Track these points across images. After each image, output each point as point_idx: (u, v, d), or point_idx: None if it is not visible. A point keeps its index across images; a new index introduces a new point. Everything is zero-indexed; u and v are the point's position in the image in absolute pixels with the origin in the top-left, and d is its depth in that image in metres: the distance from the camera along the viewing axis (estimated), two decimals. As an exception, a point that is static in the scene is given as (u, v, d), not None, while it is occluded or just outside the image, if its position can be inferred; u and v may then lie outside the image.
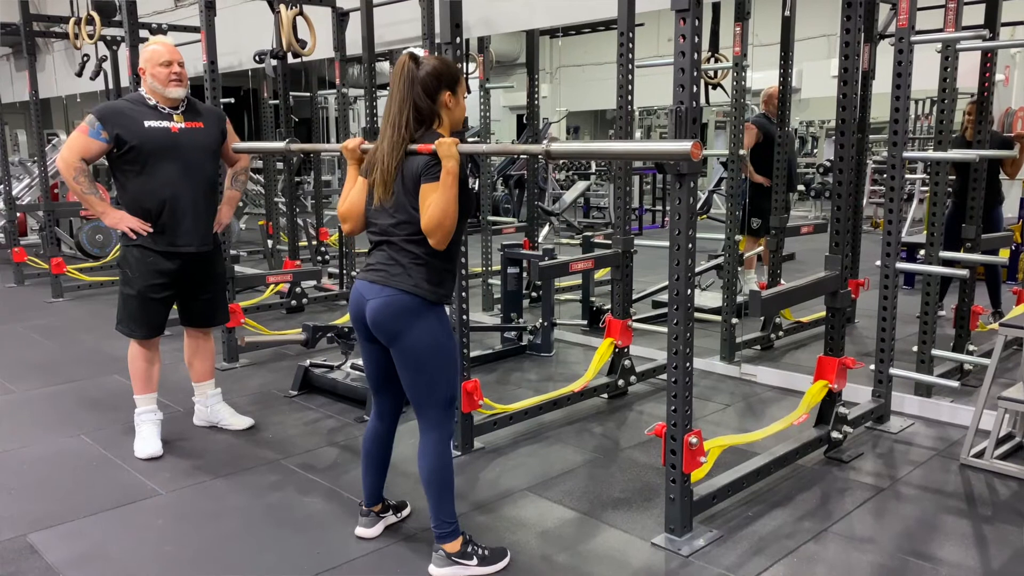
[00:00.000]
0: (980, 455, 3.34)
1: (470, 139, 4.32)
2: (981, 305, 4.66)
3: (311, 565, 2.65)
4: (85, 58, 8.00)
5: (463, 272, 3.38)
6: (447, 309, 2.61)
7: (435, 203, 2.36)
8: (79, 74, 8.07)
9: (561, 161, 12.44)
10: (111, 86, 8.19)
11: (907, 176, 7.13)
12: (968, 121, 4.94)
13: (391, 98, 2.47)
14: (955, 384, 3.93)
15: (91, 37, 6.86)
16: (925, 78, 3.90)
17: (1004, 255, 5.83)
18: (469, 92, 2.63)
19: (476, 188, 7.42)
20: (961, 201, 4.65)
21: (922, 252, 4.14)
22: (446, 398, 2.53)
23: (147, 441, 3.56)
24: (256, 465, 3.46)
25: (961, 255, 4.23)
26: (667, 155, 2.34)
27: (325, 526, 2.91)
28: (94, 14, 6.81)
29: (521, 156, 8.60)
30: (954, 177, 4.94)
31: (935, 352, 4.07)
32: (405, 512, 2.92)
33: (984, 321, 4.80)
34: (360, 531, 2.80)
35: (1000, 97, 5.63)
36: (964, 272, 4.03)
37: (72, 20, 7.09)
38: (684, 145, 2.16)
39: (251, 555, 2.75)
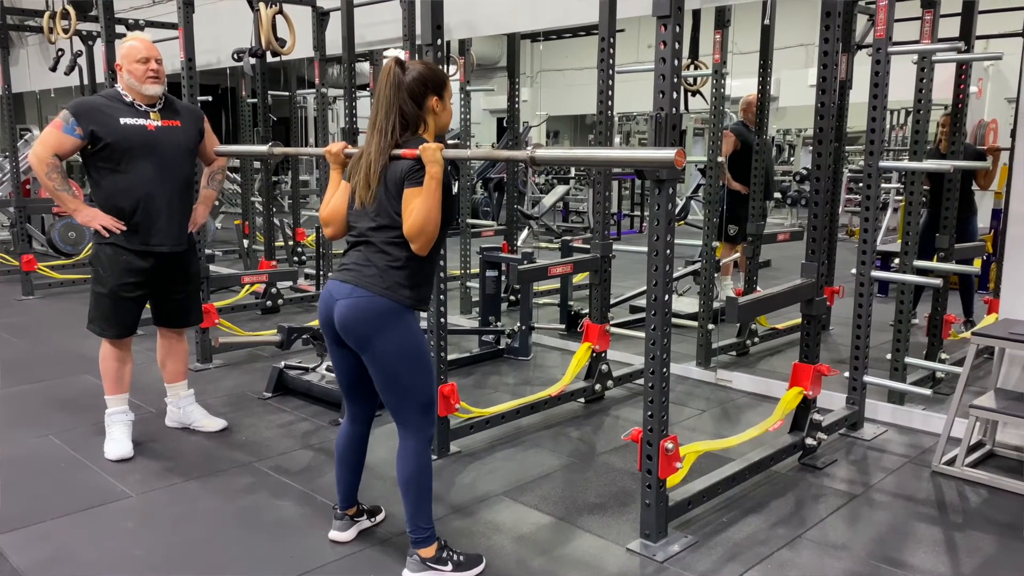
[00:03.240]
0: (951, 463, 3.38)
1: (449, 141, 4.30)
2: (953, 314, 4.72)
3: (284, 569, 2.62)
4: (60, 53, 7.90)
5: (442, 275, 3.37)
6: (418, 313, 2.58)
7: (418, 208, 2.34)
8: (53, 69, 7.96)
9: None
10: (86, 82, 8.09)
11: (882, 185, 7.21)
12: (942, 133, 5.00)
13: (377, 103, 2.46)
14: (927, 392, 3.98)
15: (66, 32, 6.77)
16: (901, 89, 3.94)
17: (976, 264, 5.91)
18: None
19: (456, 190, 7.40)
20: (935, 211, 4.71)
21: (897, 261, 4.18)
22: (423, 403, 2.50)
23: (118, 442, 3.51)
24: (229, 468, 3.42)
25: (935, 264, 4.28)
26: (652, 162, 2.35)
27: (298, 530, 2.88)
28: (69, 8, 6.73)
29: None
30: (928, 187, 5.00)
31: (908, 360, 4.12)
32: (380, 517, 2.90)
33: (956, 330, 4.86)
34: (334, 535, 2.78)
35: (973, 109, 5.71)
36: (938, 281, 4.08)
37: (47, 14, 6.99)
38: (668, 153, 2.16)
39: (223, 559, 2.71)
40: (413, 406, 2.49)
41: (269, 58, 6.15)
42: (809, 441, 3.43)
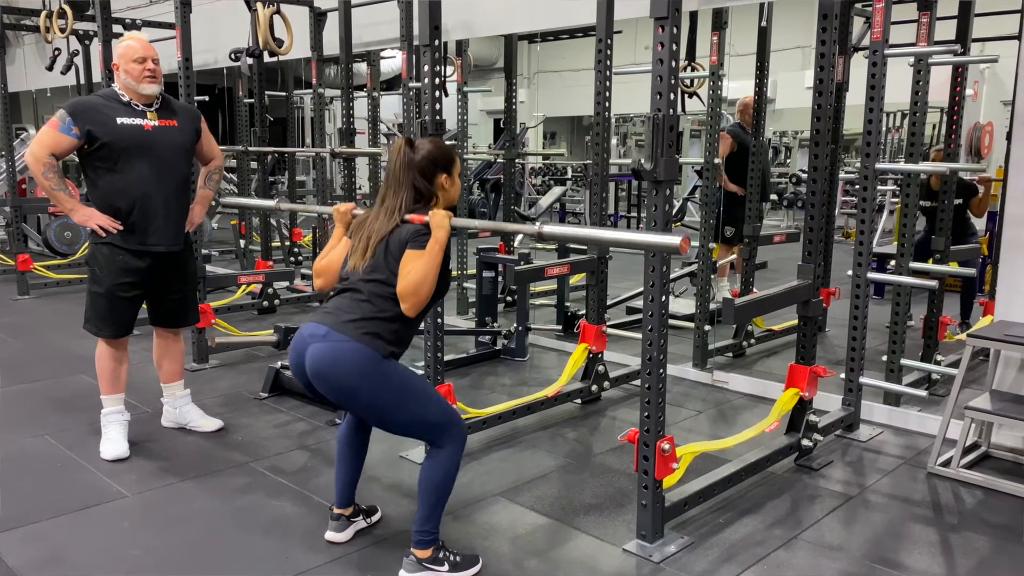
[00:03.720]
0: (947, 464, 3.39)
1: (447, 141, 4.28)
2: (949, 316, 4.72)
3: (280, 569, 2.62)
4: (56, 52, 7.88)
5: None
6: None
7: (418, 268, 2.38)
8: (50, 68, 7.94)
9: (538, 166, 12.49)
10: (82, 81, 8.08)
11: (878, 188, 7.22)
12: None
13: (387, 181, 2.55)
14: (923, 393, 3.98)
15: (63, 31, 6.76)
16: (897, 91, 3.95)
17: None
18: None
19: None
20: (932, 230, 4.70)
21: (892, 262, 4.19)
22: (436, 425, 2.47)
23: (114, 442, 3.51)
24: (225, 468, 3.42)
25: (931, 266, 4.28)
26: (658, 247, 2.41)
27: (295, 530, 2.88)
28: (66, 8, 6.71)
29: (498, 160, 8.61)
30: (923, 209, 5.00)
31: (904, 362, 4.13)
32: (376, 517, 2.90)
33: (952, 332, 4.87)
34: (330, 536, 2.77)
35: (969, 112, 5.73)
36: (933, 283, 4.09)
37: (44, 13, 6.97)
38: (674, 240, 2.23)
39: (219, 559, 2.71)
40: (428, 430, 2.48)
41: (266, 58, 6.15)
42: (805, 442, 3.44)
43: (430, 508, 2.49)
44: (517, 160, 7.69)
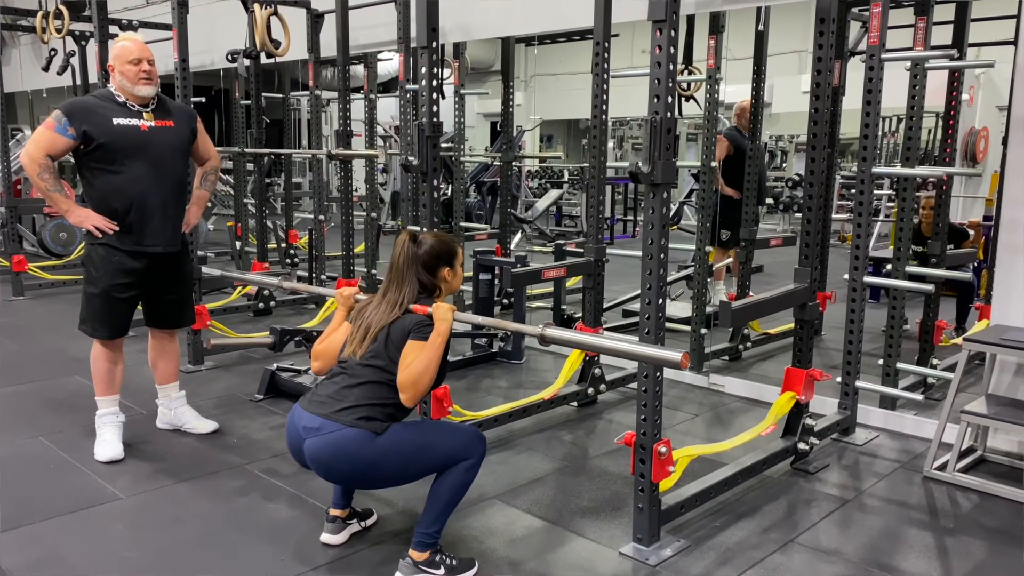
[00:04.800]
0: (943, 468, 3.39)
1: (444, 144, 4.24)
2: (945, 320, 4.73)
3: (275, 571, 2.61)
4: (52, 52, 7.86)
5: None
6: None
7: (419, 360, 2.41)
8: (46, 69, 7.92)
9: (535, 169, 12.49)
10: (78, 82, 8.06)
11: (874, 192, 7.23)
12: (923, 216, 5.05)
13: (390, 275, 2.59)
14: (919, 397, 3.98)
15: (59, 32, 6.75)
16: (894, 95, 3.96)
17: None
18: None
19: (449, 194, 7.40)
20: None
21: (888, 266, 4.20)
22: (449, 457, 2.47)
23: (108, 444, 3.49)
24: (220, 470, 3.40)
25: (927, 270, 4.29)
26: (659, 361, 2.45)
27: (290, 532, 2.87)
28: (63, 8, 6.70)
29: (494, 163, 8.61)
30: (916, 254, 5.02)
31: (900, 365, 4.13)
32: (371, 520, 2.89)
33: (948, 336, 4.87)
34: (326, 537, 2.77)
35: (965, 116, 5.75)
36: (929, 287, 4.09)
37: (40, 14, 6.97)
38: (675, 356, 2.26)
39: (214, 561, 2.70)
40: (447, 464, 2.48)
41: (263, 60, 6.14)
42: (801, 446, 3.44)
43: (438, 512, 2.49)
44: (514, 163, 7.69)
